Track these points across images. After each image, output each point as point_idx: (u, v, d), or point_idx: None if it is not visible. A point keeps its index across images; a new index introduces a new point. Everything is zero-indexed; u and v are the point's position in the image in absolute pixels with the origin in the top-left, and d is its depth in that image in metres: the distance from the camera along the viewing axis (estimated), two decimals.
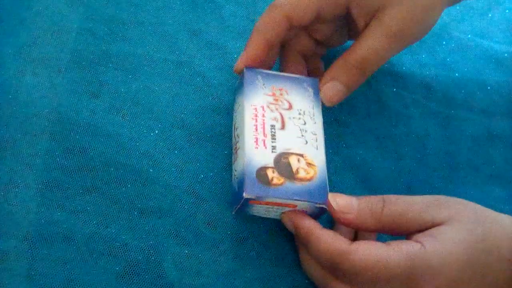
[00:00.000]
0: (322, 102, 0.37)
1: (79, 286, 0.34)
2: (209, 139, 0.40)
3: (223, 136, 0.40)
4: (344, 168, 0.41)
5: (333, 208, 0.33)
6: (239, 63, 0.37)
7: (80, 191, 0.36)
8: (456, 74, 0.46)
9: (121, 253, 0.35)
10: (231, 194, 0.37)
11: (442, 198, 0.32)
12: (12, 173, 0.36)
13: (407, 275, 0.29)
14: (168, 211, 0.37)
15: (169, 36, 0.43)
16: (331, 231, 0.32)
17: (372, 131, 0.43)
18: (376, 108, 0.44)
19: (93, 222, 0.36)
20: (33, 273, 0.34)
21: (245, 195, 0.32)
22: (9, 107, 0.38)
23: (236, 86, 0.38)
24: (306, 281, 0.36)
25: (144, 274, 0.35)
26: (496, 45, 0.48)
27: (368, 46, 0.35)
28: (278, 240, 0.37)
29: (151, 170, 0.38)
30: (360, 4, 0.36)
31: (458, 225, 0.31)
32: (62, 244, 0.35)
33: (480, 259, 0.30)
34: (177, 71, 0.42)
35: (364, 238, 0.36)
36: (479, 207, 0.32)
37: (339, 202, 0.33)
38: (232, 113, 0.40)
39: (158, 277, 0.35)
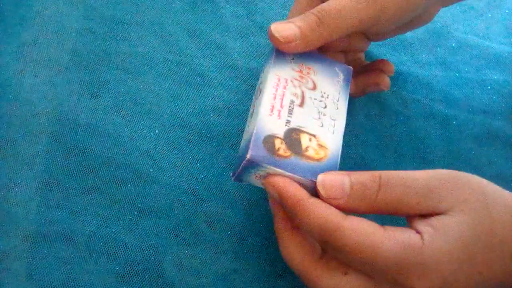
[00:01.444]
0: (349, 91, 0.35)
1: (79, 286, 0.34)
2: (209, 139, 0.40)
3: (223, 136, 0.40)
4: (344, 168, 0.41)
5: (322, 194, 0.30)
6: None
7: (80, 191, 0.36)
8: (456, 74, 0.46)
9: (121, 253, 0.35)
10: (235, 161, 0.34)
11: (448, 178, 0.29)
12: (12, 173, 0.36)
13: (398, 267, 0.28)
14: (168, 211, 0.37)
15: (169, 36, 0.43)
16: (321, 200, 0.29)
17: (372, 131, 0.43)
18: (376, 108, 0.44)
19: (93, 222, 0.36)
20: (33, 273, 0.34)
21: (248, 156, 0.30)
22: (9, 107, 0.38)
23: (266, 59, 0.36)
24: None
25: (144, 274, 0.35)
26: (496, 45, 0.48)
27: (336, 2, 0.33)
28: None
29: (151, 170, 0.38)
30: None
31: (462, 217, 0.28)
32: (62, 244, 0.35)
33: (481, 257, 0.28)
34: (177, 71, 0.42)
35: None
36: (489, 189, 0.29)
37: (327, 185, 0.30)
38: (231, 113, 0.40)
39: (158, 277, 0.35)
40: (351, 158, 0.41)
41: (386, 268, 0.28)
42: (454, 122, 0.44)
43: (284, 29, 0.33)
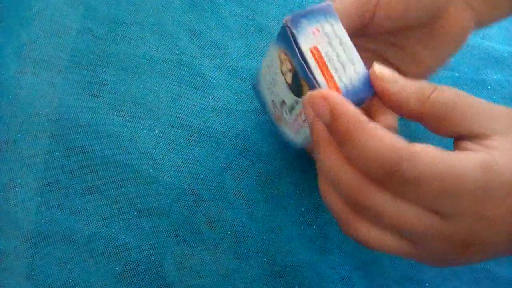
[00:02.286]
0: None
1: (79, 286, 0.34)
2: (209, 139, 0.40)
3: (223, 136, 0.40)
4: None
5: (376, 74, 0.26)
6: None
7: (80, 191, 0.36)
8: (456, 74, 0.46)
9: (121, 253, 0.35)
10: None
11: (505, 109, 0.26)
12: (12, 173, 0.36)
13: (482, 190, 0.24)
14: (168, 211, 0.37)
15: (169, 36, 0.43)
16: (380, 125, 0.24)
17: None
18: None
19: (93, 222, 0.36)
20: (33, 273, 0.34)
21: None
22: (9, 107, 0.38)
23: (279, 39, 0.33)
24: (306, 281, 0.36)
25: (144, 274, 0.35)
26: (496, 45, 0.48)
27: None
28: (279, 239, 0.37)
29: (151, 170, 0.38)
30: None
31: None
32: (62, 244, 0.35)
33: None
34: (177, 71, 0.42)
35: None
36: None
37: (384, 71, 0.27)
38: (231, 113, 0.40)
39: (158, 277, 0.35)
40: None
41: (467, 194, 0.24)
42: None
43: None
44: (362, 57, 0.29)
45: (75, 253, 0.35)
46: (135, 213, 0.36)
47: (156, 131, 0.39)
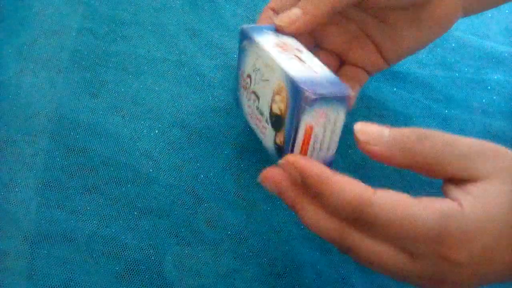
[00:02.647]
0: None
1: (79, 286, 0.34)
2: (209, 139, 0.40)
3: (223, 136, 0.40)
4: (345, 168, 0.41)
5: (359, 138, 0.29)
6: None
7: (80, 191, 0.36)
8: (456, 74, 0.46)
9: (121, 253, 0.35)
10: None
11: (490, 147, 0.28)
12: (12, 173, 0.36)
13: (438, 237, 0.26)
14: (168, 211, 0.37)
15: (169, 36, 0.43)
16: (346, 176, 0.27)
17: None
18: (376, 108, 0.44)
19: (93, 222, 0.36)
20: (33, 273, 0.34)
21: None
22: (9, 107, 0.38)
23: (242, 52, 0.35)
24: (306, 281, 0.36)
25: (144, 274, 0.35)
26: (496, 45, 0.48)
27: None
28: (278, 239, 0.37)
29: (151, 170, 0.38)
30: None
31: (501, 185, 0.27)
32: (62, 244, 0.35)
33: None
34: (177, 71, 0.42)
35: None
36: None
37: (366, 130, 0.29)
38: (231, 113, 0.40)
39: (158, 277, 0.35)
40: (351, 158, 0.41)
41: (427, 240, 0.26)
42: (454, 122, 0.44)
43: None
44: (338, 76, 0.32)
45: (75, 253, 0.35)
46: (135, 213, 0.36)
47: (156, 131, 0.39)
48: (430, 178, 0.29)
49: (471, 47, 0.48)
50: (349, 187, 0.27)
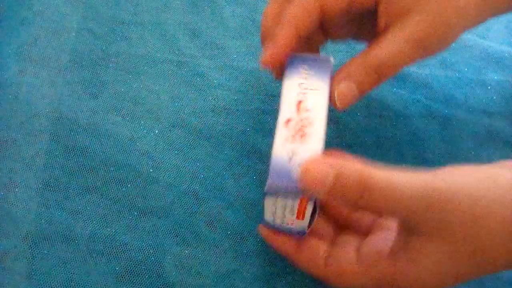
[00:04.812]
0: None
1: (79, 286, 0.34)
2: (209, 139, 0.40)
3: (223, 136, 0.40)
4: None
5: (302, 183, 0.28)
6: (269, 55, 0.33)
7: (80, 191, 0.36)
8: (456, 74, 0.46)
9: (121, 253, 0.35)
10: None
11: (440, 197, 0.28)
12: (12, 173, 0.36)
13: None
14: (168, 211, 0.37)
15: (169, 36, 0.43)
16: (306, 246, 0.33)
17: (372, 131, 0.43)
18: (376, 108, 0.44)
19: (93, 222, 0.36)
20: (33, 273, 0.34)
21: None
22: (9, 107, 0.38)
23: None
24: (307, 280, 0.36)
25: (144, 274, 0.35)
26: (496, 45, 0.48)
27: (389, 50, 0.33)
28: None
29: (151, 170, 0.38)
30: (389, 2, 0.34)
31: (440, 245, 0.28)
32: (62, 244, 0.35)
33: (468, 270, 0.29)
34: (177, 71, 0.42)
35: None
36: (481, 211, 0.28)
37: (310, 177, 0.27)
38: (231, 113, 0.40)
39: (158, 277, 0.35)
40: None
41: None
42: (454, 122, 0.44)
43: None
44: None
45: (75, 253, 0.35)
46: (135, 213, 0.36)
47: (156, 131, 0.39)
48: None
49: (471, 47, 0.48)
50: (305, 260, 0.32)
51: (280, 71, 0.34)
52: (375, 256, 0.30)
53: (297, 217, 0.31)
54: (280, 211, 0.31)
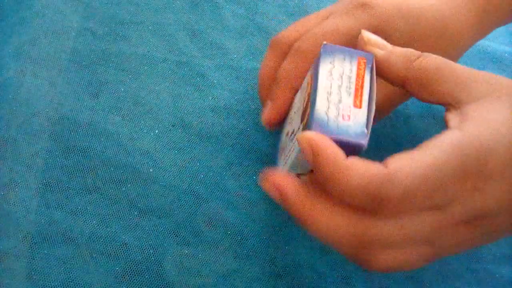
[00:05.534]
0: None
1: (79, 286, 0.34)
2: (209, 139, 0.40)
3: (222, 136, 0.40)
4: None
5: (364, 39, 0.29)
6: (269, 116, 0.35)
7: (80, 191, 0.36)
8: None
9: (121, 253, 0.35)
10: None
11: (483, 74, 0.27)
12: (12, 173, 0.36)
13: (462, 172, 0.25)
14: (168, 211, 0.37)
15: (169, 36, 0.43)
16: (356, 158, 0.25)
17: (372, 131, 0.43)
18: None
19: (93, 222, 0.36)
20: (33, 273, 0.34)
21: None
22: (9, 107, 0.38)
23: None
24: (307, 280, 0.36)
25: (144, 274, 0.35)
26: (496, 45, 0.48)
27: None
28: (278, 239, 0.37)
29: (151, 170, 0.38)
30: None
31: (498, 102, 0.26)
32: (62, 244, 0.35)
33: None
34: (177, 71, 0.42)
35: None
36: None
37: (372, 36, 0.29)
38: (231, 113, 0.40)
39: (158, 277, 0.35)
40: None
41: (452, 183, 0.25)
42: None
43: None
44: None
45: (75, 253, 0.35)
46: (135, 213, 0.36)
47: (156, 131, 0.39)
48: (422, 100, 0.29)
49: (471, 47, 0.48)
50: (362, 170, 0.24)
51: (278, 125, 0.36)
52: None
53: (355, 101, 0.27)
54: (335, 89, 0.27)
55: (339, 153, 0.25)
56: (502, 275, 0.38)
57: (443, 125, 0.44)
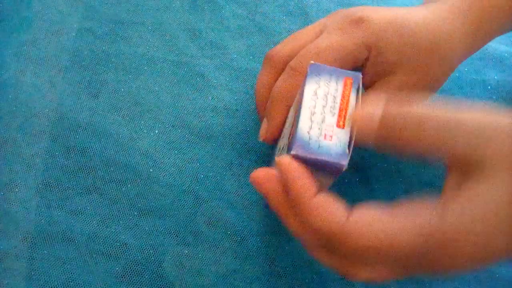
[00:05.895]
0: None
1: (79, 286, 0.34)
2: (209, 139, 0.40)
3: (222, 136, 0.40)
4: None
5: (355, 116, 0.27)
6: (266, 134, 0.36)
7: (80, 191, 0.36)
8: (456, 74, 0.46)
9: (121, 253, 0.35)
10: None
11: (492, 123, 0.26)
12: (12, 173, 0.36)
13: (420, 255, 0.25)
14: (168, 211, 0.37)
15: (169, 36, 0.43)
16: (325, 195, 0.26)
17: None
18: None
19: (93, 222, 0.36)
20: (33, 273, 0.34)
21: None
22: (9, 107, 0.38)
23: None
24: (307, 280, 0.36)
25: (144, 274, 0.35)
26: (496, 45, 0.48)
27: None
28: (278, 239, 0.37)
29: (151, 170, 0.38)
30: (375, 63, 0.34)
31: (493, 179, 0.24)
32: (62, 244, 0.35)
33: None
34: (177, 71, 0.42)
35: None
36: None
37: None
38: (231, 113, 0.40)
39: (158, 277, 0.35)
40: (351, 158, 0.41)
41: (406, 258, 0.25)
42: None
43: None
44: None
45: (75, 253, 0.35)
46: (135, 213, 0.36)
47: (156, 131, 0.39)
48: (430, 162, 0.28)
49: None
50: (322, 214, 0.26)
51: (275, 140, 0.36)
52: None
53: (338, 121, 0.27)
54: (319, 108, 0.27)
55: (309, 187, 0.26)
56: (502, 275, 0.38)
57: None
